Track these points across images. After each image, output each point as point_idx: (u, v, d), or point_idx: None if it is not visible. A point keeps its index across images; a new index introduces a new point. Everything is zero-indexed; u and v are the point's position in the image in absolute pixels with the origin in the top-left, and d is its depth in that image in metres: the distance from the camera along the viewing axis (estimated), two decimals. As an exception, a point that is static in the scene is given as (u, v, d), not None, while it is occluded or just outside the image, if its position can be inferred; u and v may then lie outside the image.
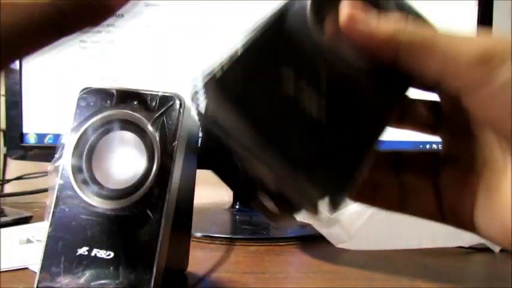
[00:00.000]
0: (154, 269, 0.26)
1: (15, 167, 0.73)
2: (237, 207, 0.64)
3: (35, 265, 0.40)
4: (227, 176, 0.23)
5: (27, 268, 0.39)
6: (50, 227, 0.27)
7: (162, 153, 0.27)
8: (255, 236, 0.51)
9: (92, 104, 0.29)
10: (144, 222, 0.27)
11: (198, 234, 0.50)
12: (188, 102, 0.29)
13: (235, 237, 0.50)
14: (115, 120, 0.28)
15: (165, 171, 0.27)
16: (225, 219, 0.62)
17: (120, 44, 0.55)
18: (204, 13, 0.55)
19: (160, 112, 0.28)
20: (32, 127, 0.55)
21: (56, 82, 0.55)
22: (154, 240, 0.26)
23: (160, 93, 0.28)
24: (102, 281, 0.26)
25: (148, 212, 0.27)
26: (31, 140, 0.56)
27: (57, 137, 0.56)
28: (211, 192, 0.80)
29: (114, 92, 0.29)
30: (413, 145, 0.58)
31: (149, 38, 0.55)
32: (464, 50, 0.18)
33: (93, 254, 0.27)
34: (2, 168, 0.75)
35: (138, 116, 0.28)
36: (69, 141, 0.28)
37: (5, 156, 0.73)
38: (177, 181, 0.28)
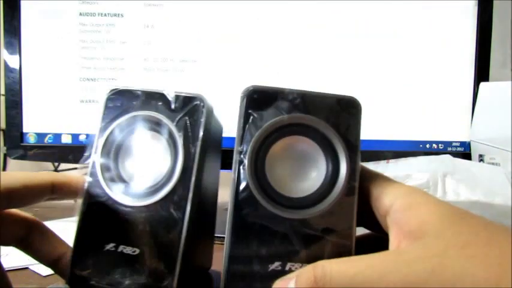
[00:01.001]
0: (178, 267, 0.26)
1: (15, 166, 0.73)
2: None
3: (35, 265, 0.40)
4: None
5: (27, 268, 0.39)
6: (79, 222, 0.28)
7: (185, 153, 0.28)
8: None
9: (118, 104, 0.29)
10: (168, 220, 0.27)
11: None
12: (210, 102, 0.29)
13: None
14: (140, 120, 0.29)
15: (187, 170, 0.27)
16: (225, 219, 0.62)
17: (120, 43, 0.55)
18: (204, 13, 0.55)
19: (183, 113, 0.28)
20: (32, 127, 0.55)
21: (56, 82, 0.55)
22: (177, 238, 0.27)
23: (183, 94, 0.29)
24: (128, 277, 0.27)
25: (172, 211, 0.27)
26: (31, 139, 0.56)
27: (57, 136, 0.56)
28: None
29: (140, 92, 0.29)
30: (413, 145, 0.58)
31: (149, 38, 0.55)
32: None
33: (119, 250, 0.27)
34: (2, 167, 0.75)
35: (162, 117, 0.28)
36: (97, 140, 0.28)
37: (5, 155, 0.74)
38: (200, 180, 0.28)
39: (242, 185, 0.26)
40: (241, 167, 0.26)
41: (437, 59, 0.58)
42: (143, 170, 0.29)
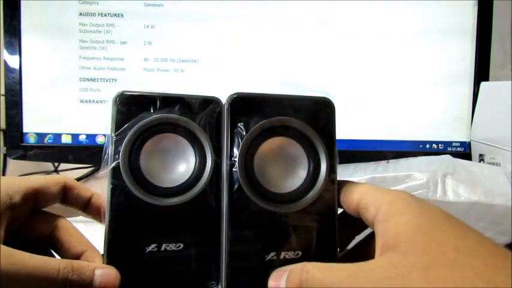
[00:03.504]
0: (223, 255, 0.28)
1: (15, 166, 0.73)
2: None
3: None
4: None
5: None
6: (109, 232, 0.28)
7: (213, 150, 0.29)
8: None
9: (133, 108, 0.29)
10: (208, 212, 0.29)
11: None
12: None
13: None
14: (163, 123, 0.29)
15: (217, 166, 0.29)
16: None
17: (120, 43, 0.55)
18: (204, 13, 0.56)
19: (204, 113, 0.30)
20: (32, 127, 0.55)
21: (56, 82, 0.55)
22: (218, 227, 0.29)
23: (201, 97, 0.30)
24: (174, 272, 0.28)
25: (211, 202, 0.29)
26: (31, 139, 0.56)
27: (57, 136, 0.56)
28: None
29: (156, 96, 0.29)
30: (413, 145, 0.58)
31: (149, 38, 0.55)
32: None
33: (163, 248, 0.28)
34: (2, 167, 0.75)
35: (186, 119, 0.29)
36: (114, 144, 0.28)
37: (5, 156, 0.73)
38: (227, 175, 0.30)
39: (236, 186, 0.28)
40: (232, 170, 0.28)
41: (437, 59, 0.58)
42: (170, 170, 0.30)
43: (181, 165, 0.30)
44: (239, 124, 0.28)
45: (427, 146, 0.58)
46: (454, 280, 0.19)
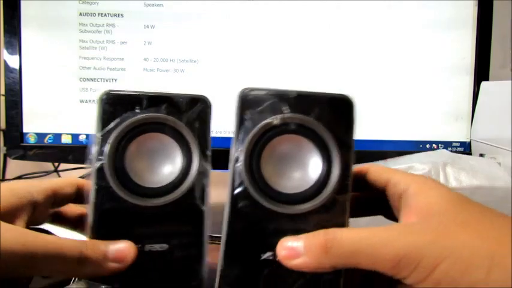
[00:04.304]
0: (205, 256, 0.28)
1: (15, 166, 0.73)
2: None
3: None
4: None
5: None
6: (92, 232, 0.28)
7: (200, 149, 0.29)
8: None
9: (119, 107, 0.29)
10: (193, 212, 0.29)
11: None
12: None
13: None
14: (149, 123, 0.29)
15: (203, 166, 0.29)
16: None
17: (120, 43, 0.55)
18: (205, 13, 0.55)
19: (191, 112, 0.29)
20: (32, 127, 0.55)
21: (55, 82, 0.55)
22: (201, 228, 0.29)
23: (188, 95, 0.30)
24: (160, 272, 0.28)
25: (197, 202, 0.29)
26: (31, 139, 0.56)
27: (57, 136, 0.56)
28: (211, 192, 0.80)
29: (142, 95, 0.29)
30: (413, 145, 0.58)
31: (149, 38, 0.55)
32: (382, 256, 0.23)
33: (146, 249, 0.28)
34: (1, 167, 0.75)
35: (173, 118, 0.29)
36: (100, 144, 0.28)
37: (5, 156, 0.73)
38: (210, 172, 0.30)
39: (237, 182, 0.27)
40: (236, 165, 0.27)
41: (437, 59, 0.58)
42: (155, 170, 0.29)
43: (167, 165, 0.29)
44: (248, 119, 0.27)
45: (427, 146, 0.58)
46: (490, 231, 0.22)
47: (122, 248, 0.27)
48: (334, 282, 0.26)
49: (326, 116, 0.27)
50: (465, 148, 0.58)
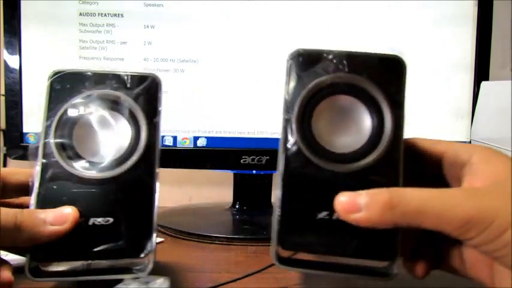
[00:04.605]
0: (154, 229, 0.29)
1: (15, 166, 0.73)
2: (237, 207, 0.64)
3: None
4: None
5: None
6: (36, 204, 0.28)
7: (148, 124, 0.30)
8: (255, 236, 0.51)
9: (68, 86, 0.30)
10: (140, 186, 0.29)
11: (198, 234, 0.51)
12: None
13: (235, 237, 0.50)
14: (97, 99, 0.30)
15: (152, 140, 0.30)
16: (225, 219, 0.62)
17: (120, 43, 0.55)
18: (205, 13, 0.55)
19: (139, 89, 0.30)
20: (32, 127, 0.55)
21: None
22: (150, 202, 0.29)
23: (137, 73, 0.31)
24: (104, 246, 0.28)
25: (144, 177, 0.29)
26: (31, 139, 0.55)
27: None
28: (211, 192, 0.80)
29: (91, 73, 0.30)
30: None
31: (150, 38, 0.55)
32: (450, 216, 0.23)
33: (90, 222, 0.28)
34: (1, 167, 0.75)
35: (121, 94, 0.30)
36: (46, 121, 0.30)
37: (5, 156, 0.73)
38: (159, 148, 0.30)
39: (290, 142, 0.27)
40: (288, 125, 0.27)
41: (437, 59, 0.58)
42: (103, 145, 0.30)
43: (116, 140, 0.30)
44: (299, 79, 0.28)
45: (427, 146, 0.58)
46: None
47: (62, 212, 0.27)
48: (391, 241, 0.26)
49: (377, 75, 0.28)
50: (465, 148, 0.58)
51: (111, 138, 0.30)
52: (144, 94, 0.30)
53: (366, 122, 0.28)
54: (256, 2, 0.56)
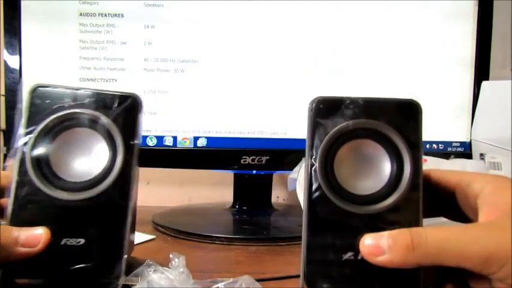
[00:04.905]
0: (124, 252, 0.29)
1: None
2: (237, 207, 0.64)
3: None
4: None
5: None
6: (11, 222, 0.28)
7: (125, 147, 0.30)
8: (255, 236, 0.51)
9: (48, 101, 0.30)
10: (113, 209, 0.29)
11: (198, 234, 0.50)
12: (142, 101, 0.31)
13: (235, 237, 0.50)
14: (75, 118, 0.30)
15: (128, 162, 0.30)
16: (225, 219, 0.62)
17: (120, 43, 0.55)
18: (205, 13, 0.55)
19: (120, 110, 0.30)
20: (32, 127, 0.55)
21: (56, 82, 0.55)
22: (122, 224, 0.29)
23: (118, 93, 0.30)
24: (75, 266, 0.28)
25: (117, 199, 0.29)
26: (31, 140, 0.55)
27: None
28: (211, 192, 0.80)
29: (72, 90, 0.30)
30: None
31: (150, 38, 0.55)
32: (470, 254, 0.24)
33: (62, 242, 0.28)
34: (2, 168, 0.75)
35: (100, 114, 0.30)
36: (27, 137, 0.29)
37: (5, 156, 0.73)
38: (136, 172, 0.30)
39: (314, 186, 0.28)
40: (312, 170, 0.28)
41: (437, 59, 0.58)
42: (79, 164, 0.30)
43: (93, 160, 0.30)
44: (321, 126, 0.29)
45: (427, 146, 0.58)
46: None
47: (34, 234, 0.27)
48: (414, 278, 0.27)
49: (395, 120, 0.29)
50: (465, 148, 0.58)
51: (88, 158, 0.30)
52: (123, 115, 0.30)
53: (386, 164, 0.29)
54: (256, 2, 0.56)
